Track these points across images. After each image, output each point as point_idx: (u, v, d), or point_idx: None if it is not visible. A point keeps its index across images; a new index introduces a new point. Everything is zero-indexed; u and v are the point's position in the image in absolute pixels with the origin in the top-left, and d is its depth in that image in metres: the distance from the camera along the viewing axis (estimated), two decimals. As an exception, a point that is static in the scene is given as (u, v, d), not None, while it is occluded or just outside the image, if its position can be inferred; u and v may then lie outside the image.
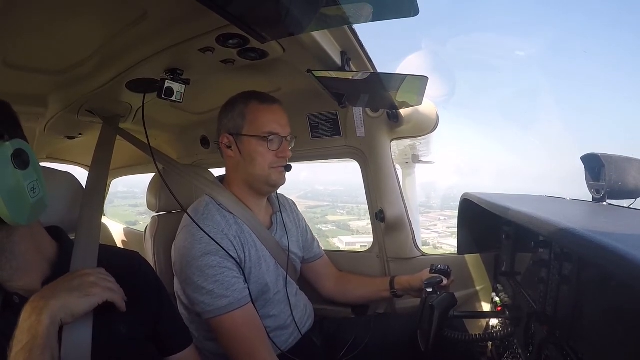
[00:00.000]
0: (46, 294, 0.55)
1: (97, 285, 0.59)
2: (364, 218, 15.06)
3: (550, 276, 0.74)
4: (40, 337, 0.51)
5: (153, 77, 0.95)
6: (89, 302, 0.57)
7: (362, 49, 0.98)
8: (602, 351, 0.58)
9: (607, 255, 0.42)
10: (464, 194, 1.18)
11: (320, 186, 20.30)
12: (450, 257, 1.38)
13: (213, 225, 0.96)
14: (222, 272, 0.92)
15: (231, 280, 0.93)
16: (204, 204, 1.03)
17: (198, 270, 0.92)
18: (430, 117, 1.31)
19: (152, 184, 1.29)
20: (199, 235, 0.94)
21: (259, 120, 1.00)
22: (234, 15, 0.58)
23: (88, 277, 0.60)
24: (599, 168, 0.93)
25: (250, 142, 1.00)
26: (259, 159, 1.00)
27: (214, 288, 0.91)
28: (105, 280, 0.62)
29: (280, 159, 1.02)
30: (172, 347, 0.75)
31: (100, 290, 0.59)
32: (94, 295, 0.58)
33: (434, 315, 0.85)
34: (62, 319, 0.54)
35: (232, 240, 0.97)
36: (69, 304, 0.55)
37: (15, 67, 0.85)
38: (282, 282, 1.08)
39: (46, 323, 0.52)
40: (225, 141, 1.03)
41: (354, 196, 16.95)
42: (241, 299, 0.93)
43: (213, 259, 0.92)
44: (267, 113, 1.01)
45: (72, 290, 0.57)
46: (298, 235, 1.21)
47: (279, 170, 1.03)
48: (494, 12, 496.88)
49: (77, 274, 0.61)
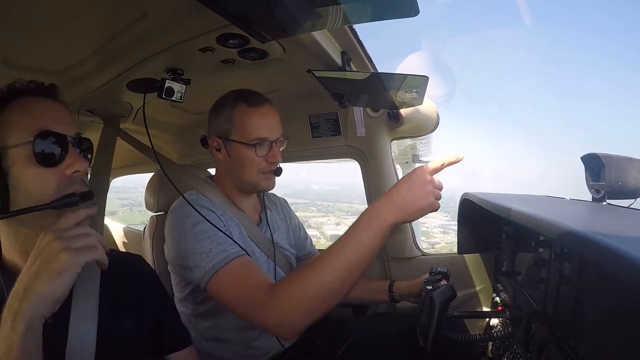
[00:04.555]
0: (19, 291, 0.48)
1: (68, 251, 0.49)
2: (330, 216, 15.55)
3: (551, 276, 0.74)
4: (15, 347, 0.46)
5: (153, 77, 0.95)
6: (64, 279, 0.49)
7: (362, 48, 0.98)
8: (602, 351, 0.58)
9: (607, 255, 0.42)
10: (463, 193, 1.18)
11: (302, 186, 20.93)
12: (450, 257, 1.38)
13: (200, 207, 0.94)
14: (215, 233, 0.90)
15: (226, 239, 0.90)
16: (192, 194, 1.02)
17: (193, 238, 0.90)
18: (430, 117, 1.31)
19: (150, 184, 1.29)
20: (187, 212, 0.93)
21: (246, 126, 0.96)
22: (234, 15, 0.58)
23: (55, 244, 0.50)
24: (599, 168, 0.93)
25: (238, 148, 0.98)
26: (247, 165, 0.98)
27: (211, 247, 0.88)
28: (78, 238, 0.52)
29: (270, 164, 1.00)
30: (173, 345, 0.77)
31: (73, 256, 0.49)
32: (67, 269, 0.49)
33: (434, 306, 0.85)
34: (44, 314, 0.48)
35: (220, 216, 0.96)
36: (43, 295, 0.48)
37: (15, 67, 0.85)
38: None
39: (21, 331, 0.46)
40: (215, 144, 1.01)
41: (336, 197, 17.44)
42: (237, 250, 0.89)
43: (205, 226, 0.91)
44: (255, 117, 0.97)
45: (41, 273, 0.48)
46: (289, 233, 1.20)
47: (268, 177, 1.01)
48: (494, 11, 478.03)
49: (41, 246, 0.51)
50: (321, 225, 14.32)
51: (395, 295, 1.19)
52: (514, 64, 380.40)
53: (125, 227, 2.45)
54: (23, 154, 0.57)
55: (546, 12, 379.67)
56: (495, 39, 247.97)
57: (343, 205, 17.16)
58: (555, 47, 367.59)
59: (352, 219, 1.28)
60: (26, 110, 0.59)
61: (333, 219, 15.58)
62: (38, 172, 0.57)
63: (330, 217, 15.81)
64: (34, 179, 0.57)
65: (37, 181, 0.57)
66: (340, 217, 15.95)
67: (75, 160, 0.60)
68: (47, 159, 0.57)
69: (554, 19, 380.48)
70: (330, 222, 15.12)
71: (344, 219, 15.67)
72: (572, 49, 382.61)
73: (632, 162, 0.90)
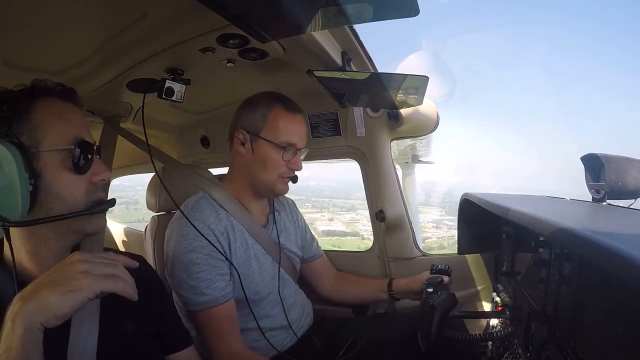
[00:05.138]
0: (25, 293, 0.48)
1: (88, 274, 0.49)
2: (323, 212, 15.68)
3: (551, 276, 0.74)
4: (14, 349, 0.45)
5: (153, 77, 0.95)
6: (74, 299, 0.48)
7: (362, 48, 0.97)
8: (602, 351, 0.58)
9: (607, 255, 0.42)
10: (463, 194, 1.18)
11: (299, 182, 21.62)
12: (450, 257, 1.38)
13: (200, 219, 0.96)
14: (205, 269, 0.93)
15: (214, 277, 0.94)
16: (197, 197, 1.03)
17: (183, 266, 0.93)
18: (430, 117, 1.31)
19: (151, 184, 1.29)
20: (185, 231, 0.95)
21: (280, 128, 0.99)
22: (235, 15, 0.58)
23: (78, 265, 0.50)
24: (599, 168, 0.93)
25: (266, 147, 0.99)
26: (270, 165, 1.00)
27: (195, 284, 0.93)
28: (102, 266, 0.52)
29: (290, 170, 1.02)
30: (174, 345, 0.77)
31: (91, 281, 0.49)
32: (80, 289, 0.48)
33: (435, 315, 0.85)
34: (43, 322, 0.46)
35: (219, 236, 0.97)
36: (48, 305, 0.47)
37: (15, 67, 0.85)
38: (276, 282, 1.07)
39: (19, 332, 0.45)
40: (241, 137, 1.01)
41: (332, 193, 17.52)
42: (220, 297, 0.94)
43: (197, 256, 0.93)
44: (289, 122, 1.00)
45: (55, 285, 0.48)
46: (297, 235, 1.21)
47: (285, 182, 1.04)
48: (492, 11, 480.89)
49: (64, 263, 0.51)
50: (314, 221, 14.22)
51: (394, 293, 1.20)
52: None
53: (126, 227, 2.45)
54: (57, 159, 0.58)
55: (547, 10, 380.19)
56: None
57: (338, 201, 17.15)
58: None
59: (345, 214, 1.28)
60: (60, 115, 0.61)
61: (327, 214, 15.52)
62: (72, 178, 0.60)
63: (325, 212, 15.74)
64: (68, 184, 0.59)
65: (70, 186, 0.60)
66: (335, 212, 15.88)
67: (102, 169, 0.64)
68: (80, 167, 0.60)
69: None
70: (323, 218, 15.02)
71: (338, 214, 15.68)
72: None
73: (632, 162, 0.90)
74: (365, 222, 14.22)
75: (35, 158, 0.56)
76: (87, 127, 0.65)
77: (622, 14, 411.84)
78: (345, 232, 14.03)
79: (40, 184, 0.57)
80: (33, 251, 0.60)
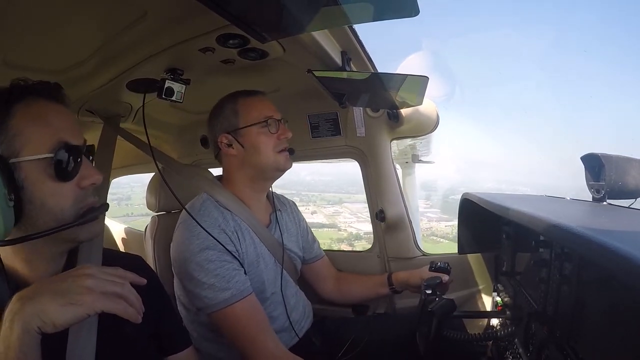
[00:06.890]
0: (27, 294, 0.47)
1: (92, 291, 0.48)
2: (309, 205, 15.65)
3: (551, 276, 0.74)
4: (12, 348, 0.44)
5: (153, 77, 0.95)
6: (73, 313, 0.47)
7: (362, 48, 0.98)
8: (602, 351, 0.58)
9: (607, 255, 0.42)
10: (464, 193, 1.18)
11: (295, 176, 21.47)
12: (450, 256, 1.38)
13: (210, 221, 0.96)
14: (221, 265, 0.92)
15: (232, 272, 0.93)
16: (201, 200, 1.03)
17: (198, 266, 0.92)
18: (430, 117, 1.31)
19: (151, 184, 1.29)
20: (196, 231, 0.94)
21: (252, 110, 1.02)
22: (234, 15, 0.57)
23: (85, 279, 0.49)
24: (599, 168, 0.92)
25: (250, 133, 1.01)
26: (262, 145, 1.01)
27: (215, 282, 0.91)
28: (109, 284, 0.50)
29: (282, 141, 1.03)
30: (173, 347, 0.77)
31: (95, 299, 0.48)
32: (81, 304, 0.47)
33: (433, 321, 0.85)
34: (40, 326, 0.45)
35: (230, 235, 0.97)
36: (47, 311, 0.46)
37: (15, 67, 0.85)
38: (279, 282, 1.08)
39: (17, 332, 0.45)
40: (225, 141, 1.03)
41: (324, 187, 17.46)
42: (243, 290, 0.92)
43: (211, 253, 0.92)
44: (257, 101, 1.04)
45: (58, 294, 0.47)
46: (298, 235, 1.21)
47: (285, 155, 1.05)
48: (493, 11, 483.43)
49: (71, 274, 0.51)
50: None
51: (395, 285, 1.20)
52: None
53: (126, 227, 2.45)
54: (39, 168, 0.54)
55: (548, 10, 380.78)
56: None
57: (328, 195, 17.12)
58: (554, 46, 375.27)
59: (329, 207, 1.28)
60: (40, 119, 0.56)
61: (311, 207, 15.46)
62: (56, 187, 0.55)
63: (310, 205, 15.65)
64: (52, 193, 0.55)
65: (55, 195, 0.55)
66: (320, 206, 15.83)
67: (91, 172, 0.59)
68: (65, 173, 0.56)
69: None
70: (307, 211, 14.78)
71: (322, 207, 15.70)
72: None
73: (632, 162, 0.90)
74: (347, 215, 14.42)
75: (16, 169, 0.53)
76: (75, 127, 0.60)
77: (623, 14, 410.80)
78: (324, 224, 14.09)
79: (23, 196, 0.53)
80: (27, 259, 0.59)
